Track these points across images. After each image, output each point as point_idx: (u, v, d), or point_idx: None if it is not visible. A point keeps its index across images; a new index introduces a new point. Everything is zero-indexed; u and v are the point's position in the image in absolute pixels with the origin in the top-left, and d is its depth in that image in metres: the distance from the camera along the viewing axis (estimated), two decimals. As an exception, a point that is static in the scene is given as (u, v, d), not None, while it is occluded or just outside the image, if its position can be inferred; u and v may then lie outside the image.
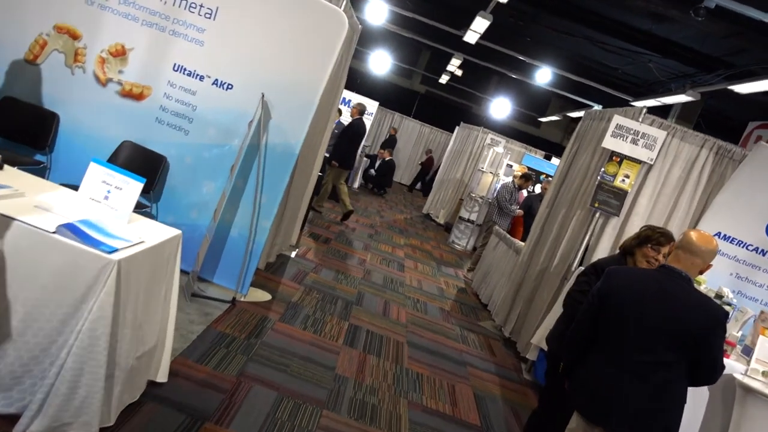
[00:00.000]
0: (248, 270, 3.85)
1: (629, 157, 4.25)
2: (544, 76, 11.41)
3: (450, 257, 8.50)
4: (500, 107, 16.14)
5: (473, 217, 9.70)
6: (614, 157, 4.30)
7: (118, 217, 2.28)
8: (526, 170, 9.04)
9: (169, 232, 2.39)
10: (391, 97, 18.46)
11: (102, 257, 1.91)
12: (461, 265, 8.11)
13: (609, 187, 4.30)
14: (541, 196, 7.40)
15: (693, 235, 2.28)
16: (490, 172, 9.82)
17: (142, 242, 2.14)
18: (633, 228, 4.28)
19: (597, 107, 12.37)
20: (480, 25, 9.16)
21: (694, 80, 9.18)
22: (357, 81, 17.89)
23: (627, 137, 4.23)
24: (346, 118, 11.67)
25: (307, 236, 6.44)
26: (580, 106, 13.69)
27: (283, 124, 3.70)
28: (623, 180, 4.30)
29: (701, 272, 2.35)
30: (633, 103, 10.46)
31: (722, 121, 11.57)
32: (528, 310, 4.85)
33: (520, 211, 7.38)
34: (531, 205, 7.47)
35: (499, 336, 5.19)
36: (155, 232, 2.33)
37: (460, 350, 4.46)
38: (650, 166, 4.26)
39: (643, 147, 4.21)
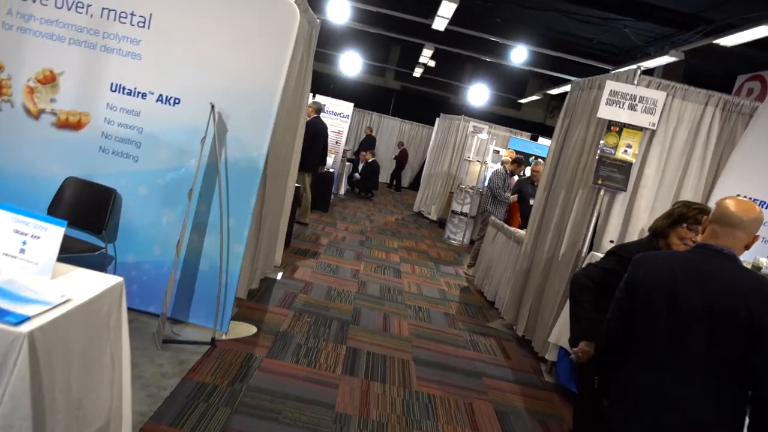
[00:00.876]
0: (226, 303, 3.42)
1: (629, 125, 3.88)
2: (519, 55, 11.06)
3: (447, 255, 8.11)
4: (478, 93, 15.79)
5: (466, 209, 9.32)
6: (612, 127, 3.92)
7: (37, 272, 1.85)
8: (514, 154, 8.68)
9: (107, 282, 1.96)
10: (366, 97, 18.06)
11: (6, 331, 1.48)
12: (460, 262, 7.71)
13: (611, 160, 3.92)
14: (531, 179, 7.05)
15: (729, 204, 1.88)
16: (478, 161, 9.45)
17: (67, 301, 1.71)
18: (643, 202, 3.91)
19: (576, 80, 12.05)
20: (447, 9, 8.80)
21: (673, 41, 8.87)
22: (331, 85, 17.50)
23: (624, 103, 3.86)
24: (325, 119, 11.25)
25: (293, 253, 6.01)
26: (559, 83, 13.38)
27: (241, 136, 3.28)
28: (625, 151, 3.92)
29: (747, 247, 1.95)
30: (614, 72, 10.13)
31: (706, 80, 11.26)
32: (539, 304, 4.46)
33: (514, 197, 7.00)
34: (521, 190, 7.10)
35: (511, 336, 4.79)
36: (89, 284, 1.90)
37: (472, 359, 4.06)
38: (653, 132, 3.88)
39: (643, 112, 3.84)
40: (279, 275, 5.02)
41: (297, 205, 6.20)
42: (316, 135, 7.42)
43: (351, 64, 16.19)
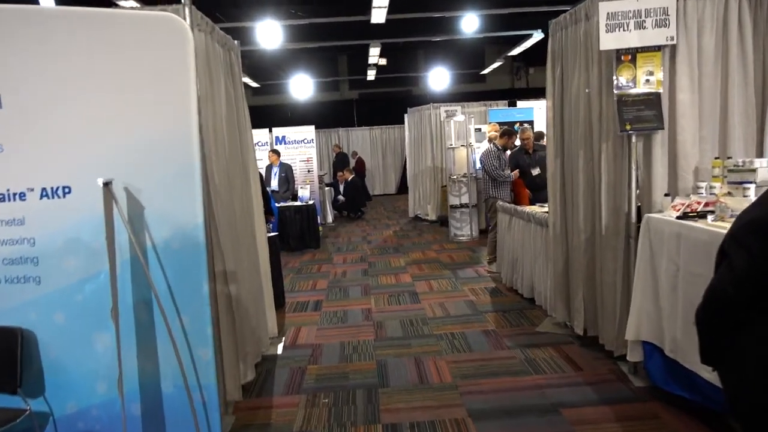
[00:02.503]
0: (210, 425, 2.57)
1: (642, 48, 3.07)
2: (470, 24, 10.28)
3: (461, 255, 7.27)
4: (439, 77, 15.02)
5: (464, 199, 8.50)
6: (623, 57, 3.12)
7: None
8: (498, 128, 7.90)
9: None
10: (326, 115, 17.30)
11: None
12: (478, 260, 6.88)
13: (633, 97, 3.11)
14: (523, 148, 6.25)
15: None
16: (462, 146, 8.65)
17: None
18: (687, 135, 3.10)
19: (537, 33, 11.32)
20: (381, -2, 8.04)
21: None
22: (288, 114, 16.73)
23: (628, 24, 3.05)
24: (290, 158, 10.43)
25: (290, 312, 5.16)
26: (517, 42, 12.63)
27: (164, 209, 2.43)
28: (647, 81, 3.11)
29: None
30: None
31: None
32: (594, 292, 3.63)
33: (515, 174, 6.19)
34: (518, 163, 6.30)
35: (569, 336, 3.95)
36: None
37: (538, 386, 3.21)
38: (674, 48, 3.08)
39: (655, 27, 3.03)
40: (279, 348, 4.17)
41: (277, 252, 5.35)
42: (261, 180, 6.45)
43: (302, 86, 15.45)
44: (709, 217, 2.62)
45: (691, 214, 2.73)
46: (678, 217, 2.76)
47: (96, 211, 2.38)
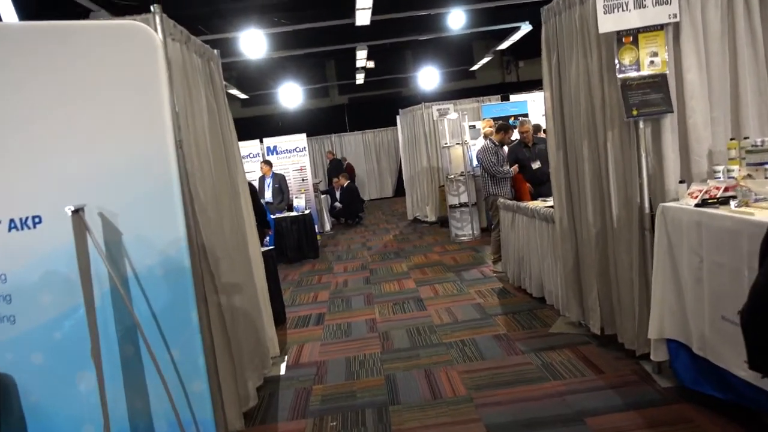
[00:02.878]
0: (211, 464, 2.37)
1: (644, 27, 2.90)
2: (456, 20, 10.12)
3: (464, 256, 7.08)
4: (429, 77, 14.89)
5: (463, 198, 8.32)
6: (624, 39, 2.95)
7: None
8: (493, 123, 7.74)
9: None
10: (318, 122, 17.13)
11: None
12: (482, 260, 6.69)
13: (638, 81, 2.94)
14: (522, 142, 6.08)
15: None
16: (457, 144, 8.47)
17: None
18: (698, 117, 2.92)
19: (525, 25, 11.17)
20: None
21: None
22: (279, 124, 16.55)
23: (627, 3, 2.88)
24: (283, 168, 10.24)
25: (292, 328, 4.96)
26: (505, 35, 12.48)
27: (143, 233, 2.25)
28: (651, 62, 2.94)
29: None
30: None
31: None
32: (609, 288, 3.44)
33: (514, 169, 6.01)
34: (517, 157, 6.12)
35: (585, 336, 3.77)
36: None
37: (558, 393, 3.02)
38: (677, 26, 2.91)
39: (656, 4, 2.86)
40: (282, 368, 3.97)
41: (274, 267, 5.16)
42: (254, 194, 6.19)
43: (291, 95, 15.29)
44: (732, 203, 2.44)
45: (710, 201, 2.55)
46: (697, 205, 2.58)
47: (71, 241, 2.19)
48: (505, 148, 6.46)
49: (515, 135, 8.77)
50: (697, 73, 2.91)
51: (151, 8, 2.59)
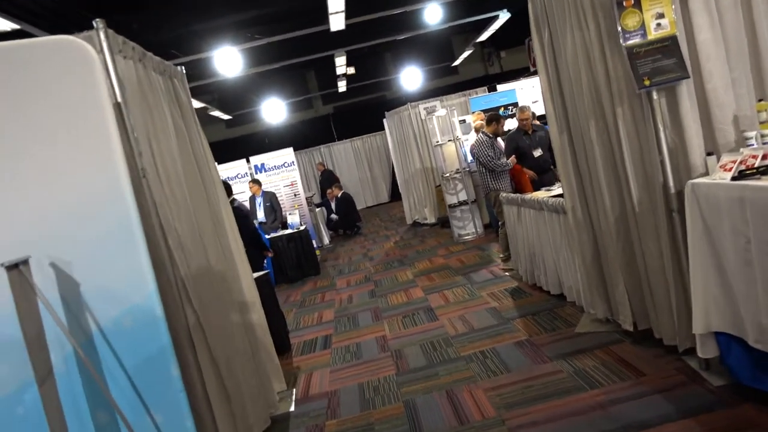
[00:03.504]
0: None
1: (647, -13, 2.61)
2: (433, 15, 9.85)
3: (471, 257, 6.76)
4: (411, 77, 14.63)
5: (462, 197, 8.02)
6: (625, 2, 2.65)
7: None
8: (483, 115, 7.47)
9: None
10: (304, 134, 16.85)
11: None
12: (490, 258, 6.38)
13: (646, 47, 2.64)
14: (522, 129, 5.79)
15: None
16: (449, 141, 8.18)
17: None
18: (717, 81, 2.62)
19: (503, 14, 10.91)
20: (336, 2, 7.60)
21: None
22: (265, 141, 16.25)
23: (626, -37, 2.59)
24: (273, 185, 9.92)
25: (298, 355, 4.63)
26: (484, 26, 12.21)
27: (104, 279, 1.93)
28: (658, 25, 2.64)
29: None
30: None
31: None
32: (638, 279, 3.13)
33: (512, 160, 5.72)
34: (518, 146, 5.84)
35: (616, 333, 3.45)
36: None
37: (600, 405, 2.70)
38: (683, -18, 2.62)
39: (658, -40, 2.57)
40: (291, 404, 3.64)
41: (271, 298, 4.83)
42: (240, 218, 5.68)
43: (274, 110, 15.01)
44: (777, 171, 2.13)
45: (749, 172, 2.25)
46: (734, 178, 2.27)
47: (9, 301, 1.86)
48: (500, 140, 6.17)
49: (510, 124, 8.50)
50: (710, 32, 2.61)
51: (93, 23, 2.28)
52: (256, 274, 4.65)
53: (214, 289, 2.93)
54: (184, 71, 3.52)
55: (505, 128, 7.51)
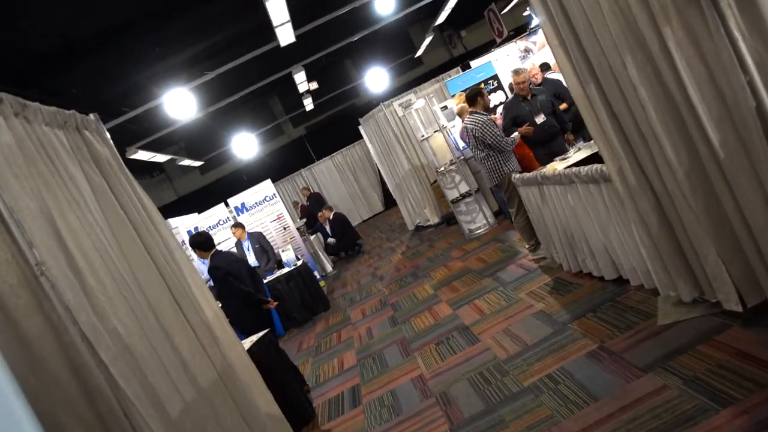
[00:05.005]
0: None
1: None
2: (385, 6, 9.15)
3: (491, 253, 6.00)
4: (377, 78, 13.91)
5: (463, 188, 7.27)
6: None
7: None
8: (463, 96, 6.79)
9: None
10: (282, 162, 16.14)
11: None
12: (515, 250, 5.61)
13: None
14: (520, 96, 5.07)
15: None
16: (435, 131, 7.44)
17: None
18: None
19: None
20: (278, 13, 6.89)
21: None
22: (243, 178, 15.48)
23: None
24: (260, 224, 9.16)
25: (326, 422, 3.83)
26: (438, 8, 11.52)
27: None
28: None
29: None
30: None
31: None
32: (735, 243, 2.37)
33: (516, 135, 4.98)
34: (518, 116, 5.12)
35: (717, 317, 2.68)
36: None
37: (739, 426, 1.93)
38: None
39: None
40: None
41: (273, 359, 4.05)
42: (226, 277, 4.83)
43: (245, 145, 14.27)
44: None
45: None
46: None
47: None
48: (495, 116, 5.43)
49: (495, 99, 7.77)
50: None
51: None
52: (252, 339, 3.89)
53: (187, 398, 2.15)
54: (98, 118, 2.75)
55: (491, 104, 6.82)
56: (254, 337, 3.98)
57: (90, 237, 2.10)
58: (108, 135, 2.78)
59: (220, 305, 4.23)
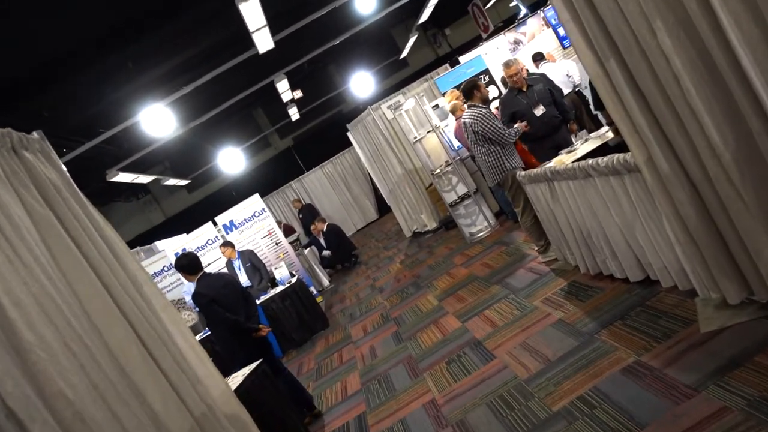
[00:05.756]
0: None
1: None
2: (365, 5, 8.82)
3: (496, 257, 5.64)
4: (363, 82, 13.62)
5: (461, 190, 6.91)
6: None
7: None
8: (457, 93, 6.49)
9: None
10: (271, 176, 15.75)
11: None
12: (522, 253, 5.25)
13: None
14: (515, 89, 4.74)
15: None
16: (428, 132, 7.09)
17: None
18: None
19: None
20: (254, 18, 6.54)
21: None
22: (232, 193, 15.06)
23: None
24: (250, 241, 8.76)
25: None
26: (419, 9, 11.21)
27: None
28: None
29: None
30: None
31: None
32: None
33: (519, 126, 4.63)
34: (516, 111, 4.78)
35: (770, 318, 2.33)
36: None
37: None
38: None
39: None
40: None
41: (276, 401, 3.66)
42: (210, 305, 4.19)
43: (232, 161, 13.88)
44: None
45: None
46: None
47: None
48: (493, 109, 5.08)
49: (491, 93, 7.42)
50: None
51: None
52: (244, 372, 3.49)
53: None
54: (43, 136, 2.37)
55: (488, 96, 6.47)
56: (246, 370, 3.59)
57: (26, 281, 1.71)
58: (55, 156, 2.39)
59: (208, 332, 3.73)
